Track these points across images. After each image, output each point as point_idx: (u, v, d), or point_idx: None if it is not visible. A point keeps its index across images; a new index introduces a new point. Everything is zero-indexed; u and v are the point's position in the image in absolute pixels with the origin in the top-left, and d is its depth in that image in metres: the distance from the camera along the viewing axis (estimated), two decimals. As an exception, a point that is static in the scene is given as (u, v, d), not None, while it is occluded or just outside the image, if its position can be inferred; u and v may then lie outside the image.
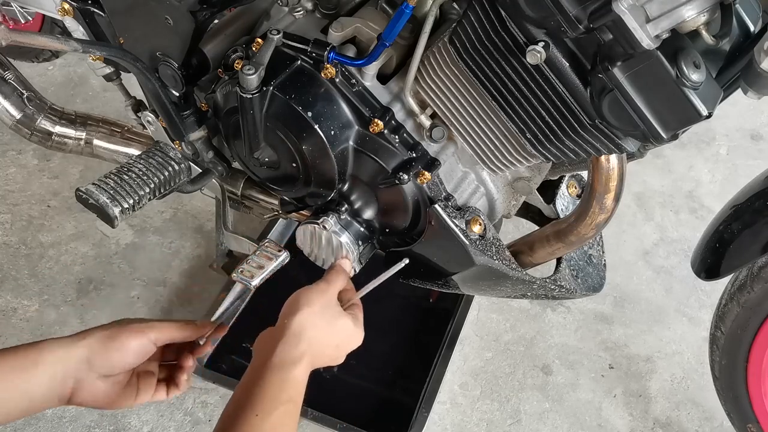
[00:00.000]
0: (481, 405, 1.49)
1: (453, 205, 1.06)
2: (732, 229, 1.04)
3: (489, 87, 0.93)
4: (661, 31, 0.74)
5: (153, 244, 1.74)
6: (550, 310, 1.66)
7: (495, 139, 1.00)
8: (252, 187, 1.33)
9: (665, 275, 1.75)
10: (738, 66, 0.85)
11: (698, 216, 1.90)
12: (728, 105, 1.00)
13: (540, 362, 1.57)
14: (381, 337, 1.61)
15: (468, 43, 0.91)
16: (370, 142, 1.03)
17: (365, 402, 1.50)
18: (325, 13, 1.08)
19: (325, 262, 1.18)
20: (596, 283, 1.22)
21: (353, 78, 1.02)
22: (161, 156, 1.27)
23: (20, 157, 1.93)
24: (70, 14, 1.15)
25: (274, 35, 0.99)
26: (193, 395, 1.46)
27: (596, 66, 0.81)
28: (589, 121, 0.87)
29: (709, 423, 1.48)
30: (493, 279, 1.11)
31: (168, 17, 1.03)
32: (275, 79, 1.01)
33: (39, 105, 1.40)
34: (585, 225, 1.05)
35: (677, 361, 1.58)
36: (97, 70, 1.24)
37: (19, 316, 1.58)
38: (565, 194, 1.24)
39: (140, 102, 1.28)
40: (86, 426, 1.41)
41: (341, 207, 1.12)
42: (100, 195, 1.19)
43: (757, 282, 1.06)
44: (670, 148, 2.06)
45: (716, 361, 1.21)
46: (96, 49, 1.06)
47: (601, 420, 1.48)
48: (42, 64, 2.09)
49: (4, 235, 1.74)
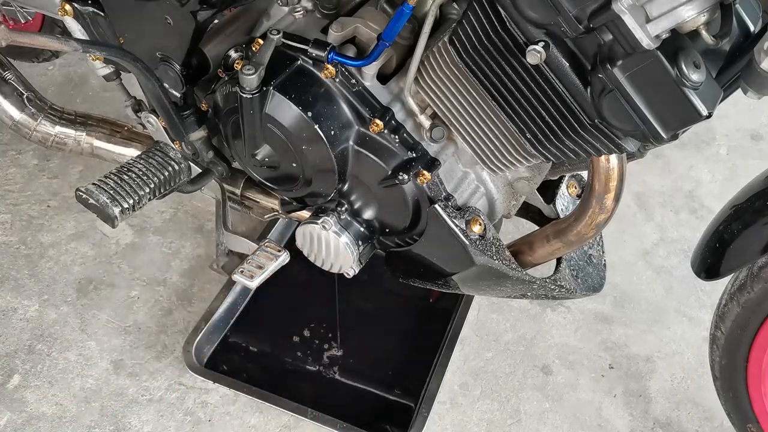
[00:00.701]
0: (481, 405, 1.49)
1: (453, 205, 1.06)
2: (732, 229, 1.04)
3: (489, 87, 0.93)
4: (661, 31, 0.74)
5: (153, 244, 1.74)
6: (550, 310, 1.66)
7: (495, 139, 1.00)
8: (252, 187, 1.33)
9: (665, 275, 1.75)
10: (738, 66, 0.85)
11: (698, 216, 1.90)
12: (728, 105, 1.00)
13: (540, 362, 1.57)
14: (381, 337, 1.61)
15: (468, 43, 0.91)
16: (370, 142, 1.03)
17: (365, 402, 1.50)
18: (325, 13, 1.08)
19: (324, 262, 1.18)
20: (596, 283, 1.22)
21: (353, 78, 1.02)
22: (161, 156, 1.27)
23: (20, 157, 1.93)
24: (70, 14, 1.15)
25: (274, 35, 0.99)
26: (193, 395, 1.46)
27: (596, 66, 0.81)
28: (589, 121, 0.87)
29: (709, 423, 1.48)
30: (493, 279, 1.11)
31: (168, 17, 1.03)
32: (275, 79, 1.01)
33: (39, 105, 1.40)
34: (585, 225, 1.05)
35: (677, 361, 1.58)
36: (97, 70, 1.24)
37: (19, 316, 1.58)
38: (565, 194, 1.24)
39: (140, 102, 1.28)
40: (86, 426, 1.41)
41: (341, 207, 1.12)
42: (100, 195, 1.19)
43: (757, 282, 1.06)
44: (670, 148, 2.06)
45: (716, 361, 1.20)
46: (96, 49, 1.07)
47: (601, 420, 1.48)
48: (42, 64, 2.09)
49: (4, 235, 1.74)
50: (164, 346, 1.54)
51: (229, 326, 1.58)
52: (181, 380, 1.48)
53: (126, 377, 1.48)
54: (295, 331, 1.60)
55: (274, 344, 1.58)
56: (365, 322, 1.63)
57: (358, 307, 1.65)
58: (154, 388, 1.47)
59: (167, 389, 1.47)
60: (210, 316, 1.54)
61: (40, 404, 1.44)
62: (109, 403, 1.44)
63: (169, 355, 1.52)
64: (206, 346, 1.52)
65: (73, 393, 1.46)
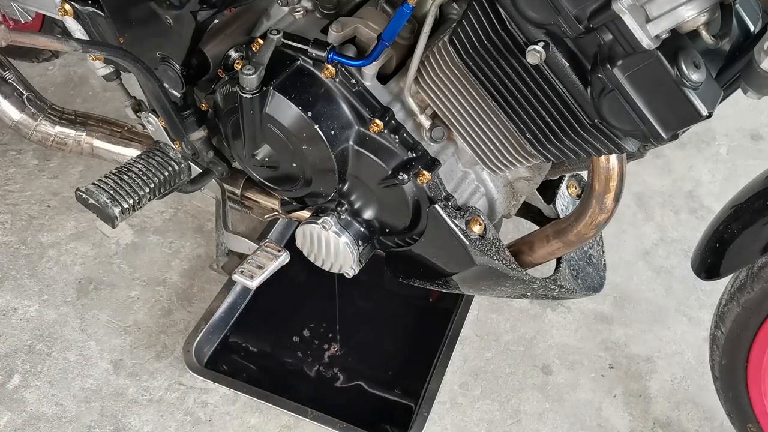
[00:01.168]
0: (481, 405, 1.49)
1: (453, 205, 1.06)
2: (732, 229, 1.04)
3: (489, 87, 0.93)
4: (661, 31, 0.74)
5: (153, 244, 1.74)
6: (550, 310, 1.66)
7: (495, 139, 1.00)
8: (252, 187, 1.33)
9: (665, 275, 1.75)
10: (738, 66, 0.85)
11: (698, 216, 1.90)
12: (728, 105, 1.00)
13: (540, 362, 1.57)
14: (381, 337, 1.61)
15: (468, 44, 0.91)
16: (370, 142, 1.03)
17: (365, 402, 1.50)
18: (325, 13, 1.08)
19: (324, 262, 1.18)
20: (596, 283, 1.22)
21: (353, 78, 1.02)
22: (161, 156, 1.27)
23: (20, 157, 1.93)
24: (70, 14, 1.15)
25: (274, 35, 0.99)
26: (193, 395, 1.46)
27: (596, 66, 0.81)
28: (589, 121, 0.87)
29: (709, 423, 1.48)
30: (493, 279, 1.11)
31: (168, 17, 1.03)
32: (275, 79, 1.01)
33: (39, 105, 1.40)
34: (585, 225, 1.05)
35: (677, 361, 1.58)
36: (97, 70, 1.24)
37: (19, 316, 1.58)
38: (565, 194, 1.24)
39: (140, 102, 1.28)
40: (86, 426, 1.41)
41: (341, 207, 1.12)
42: (100, 195, 1.19)
43: (757, 282, 1.06)
44: (670, 148, 2.06)
45: (716, 361, 1.20)
46: (96, 49, 1.07)
47: (601, 420, 1.48)
48: (42, 64, 2.09)
49: (4, 235, 1.74)
50: (164, 346, 1.54)
51: (229, 326, 1.58)
52: (181, 380, 1.48)
53: (126, 377, 1.48)
54: (295, 331, 1.60)
55: (274, 344, 1.58)
56: (365, 322, 1.63)
57: (358, 307, 1.65)
58: (154, 388, 1.47)
59: (167, 389, 1.47)
60: (210, 316, 1.54)
61: (40, 404, 1.44)
62: (109, 403, 1.44)
63: (169, 355, 1.52)
64: (206, 346, 1.52)
65: (73, 393, 1.46)
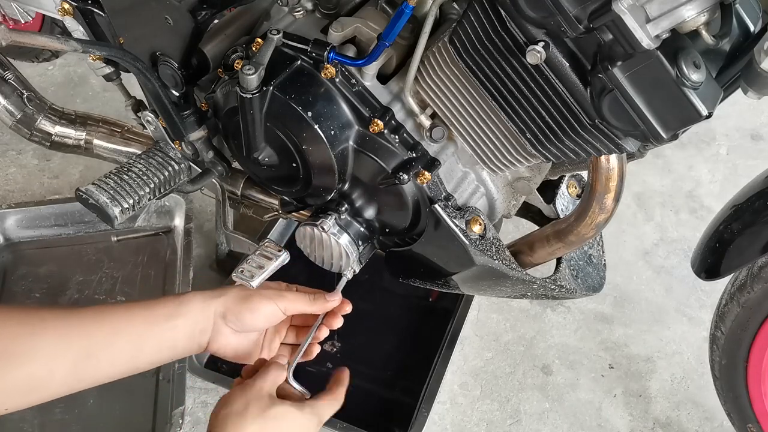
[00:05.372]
0: (481, 405, 1.49)
1: (453, 205, 1.06)
2: (732, 229, 1.04)
3: (489, 87, 0.93)
4: (661, 31, 0.74)
5: (153, 244, 1.74)
6: (550, 310, 1.66)
7: (495, 139, 1.00)
8: (252, 187, 1.33)
9: (665, 275, 1.75)
10: (738, 66, 0.85)
11: (698, 216, 1.90)
12: (728, 105, 1.00)
13: (540, 362, 1.57)
14: (381, 337, 1.61)
15: (468, 43, 0.90)
16: (370, 142, 1.03)
17: (365, 402, 1.50)
18: (325, 13, 1.08)
19: (324, 262, 1.18)
20: (596, 283, 1.22)
21: (353, 78, 1.01)
22: (161, 156, 1.27)
23: (20, 157, 1.93)
24: (70, 14, 1.15)
25: (274, 35, 0.99)
26: (193, 395, 1.46)
27: (596, 66, 0.81)
28: (589, 121, 0.87)
29: (709, 423, 1.48)
30: (493, 279, 1.11)
31: (168, 17, 1.03)
32: (275, 79, 1.01)
33: (39, 105, 1.40)
34: (585, 225, 1.05)
35: (677, 361, 1.58)
36: (97, 70, 1.24)
37: (19, 316, 1.58)
38: (565, 194, 1.24)
39: (140, 102, 1.28)
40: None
41: (341, 207, 1.12)
42: (100, 195, 1.19)
43: (757, 282, 1.06)
44: (670, 148, 2.06)
45: (716, 361, 1.21)
46: (96, 49, 1.06)
47: (601, 420, 1.48)
48: (42, 64, 2.09)
49: (4, 235, 1.74)
50: (164, 346, 1.54)
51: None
52: (181, 380, 1.48)
53: (126, 377, 1.48)
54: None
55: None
56: (365, 322, 1.63)
57: (358, 307, 1.65)
58: (154, 388, 1.47)
59: (167, 389, 1.47)
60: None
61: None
62: (109, 403, 1.44)
63: (169, 355, 1.52)
64: (206, 346, 1.52)
65: (73, 393, 1.46)
